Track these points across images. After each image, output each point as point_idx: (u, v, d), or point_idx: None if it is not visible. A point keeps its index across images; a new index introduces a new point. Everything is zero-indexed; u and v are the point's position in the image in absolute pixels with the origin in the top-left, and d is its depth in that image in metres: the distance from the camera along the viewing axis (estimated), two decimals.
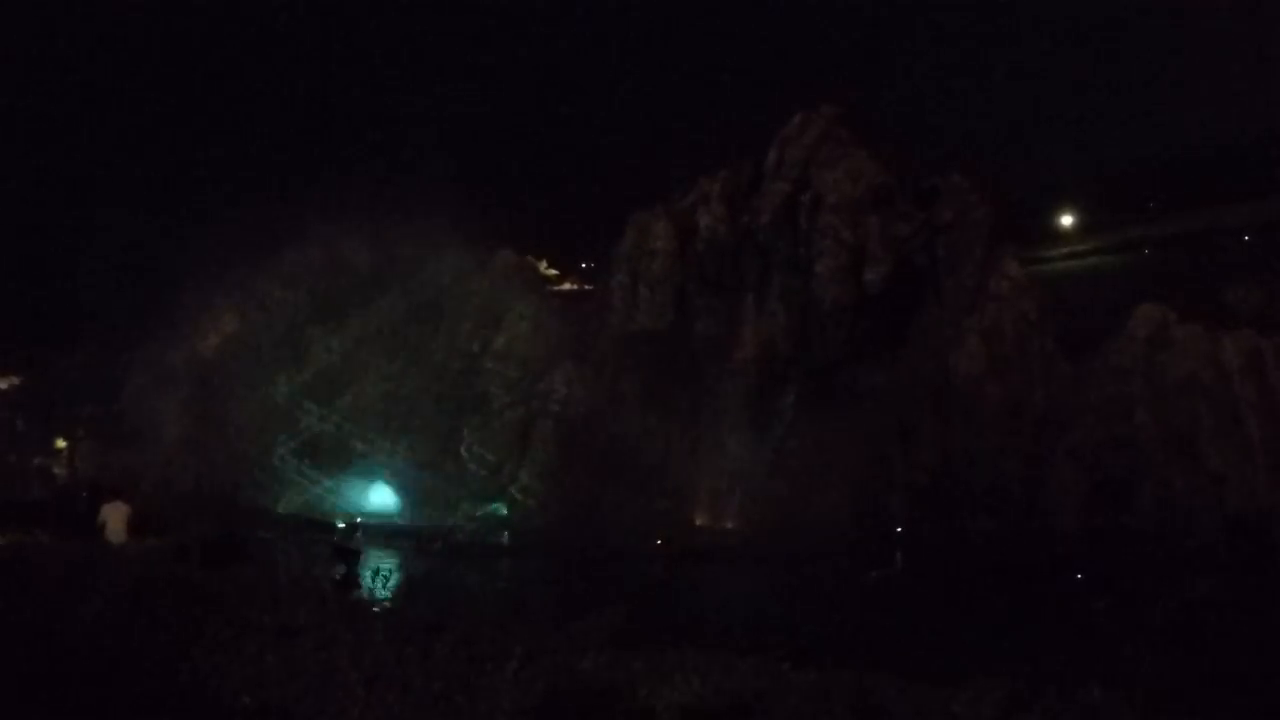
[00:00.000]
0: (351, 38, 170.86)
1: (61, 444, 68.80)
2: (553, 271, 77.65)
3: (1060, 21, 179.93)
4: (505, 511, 55.19)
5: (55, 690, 7.67)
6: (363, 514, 53.39)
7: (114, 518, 22.45)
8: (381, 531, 48.42)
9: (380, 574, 9.34)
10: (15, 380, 74.51)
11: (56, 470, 66.95)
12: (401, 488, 59.61)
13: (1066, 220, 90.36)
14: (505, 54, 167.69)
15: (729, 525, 52.53)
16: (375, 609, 8.54)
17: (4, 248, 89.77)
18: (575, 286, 75.69)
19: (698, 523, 53.19)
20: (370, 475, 60.65)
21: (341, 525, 48.00)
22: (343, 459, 61.63)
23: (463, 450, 57.20)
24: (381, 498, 58.94)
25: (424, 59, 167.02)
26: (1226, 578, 38.36)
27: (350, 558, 29.86)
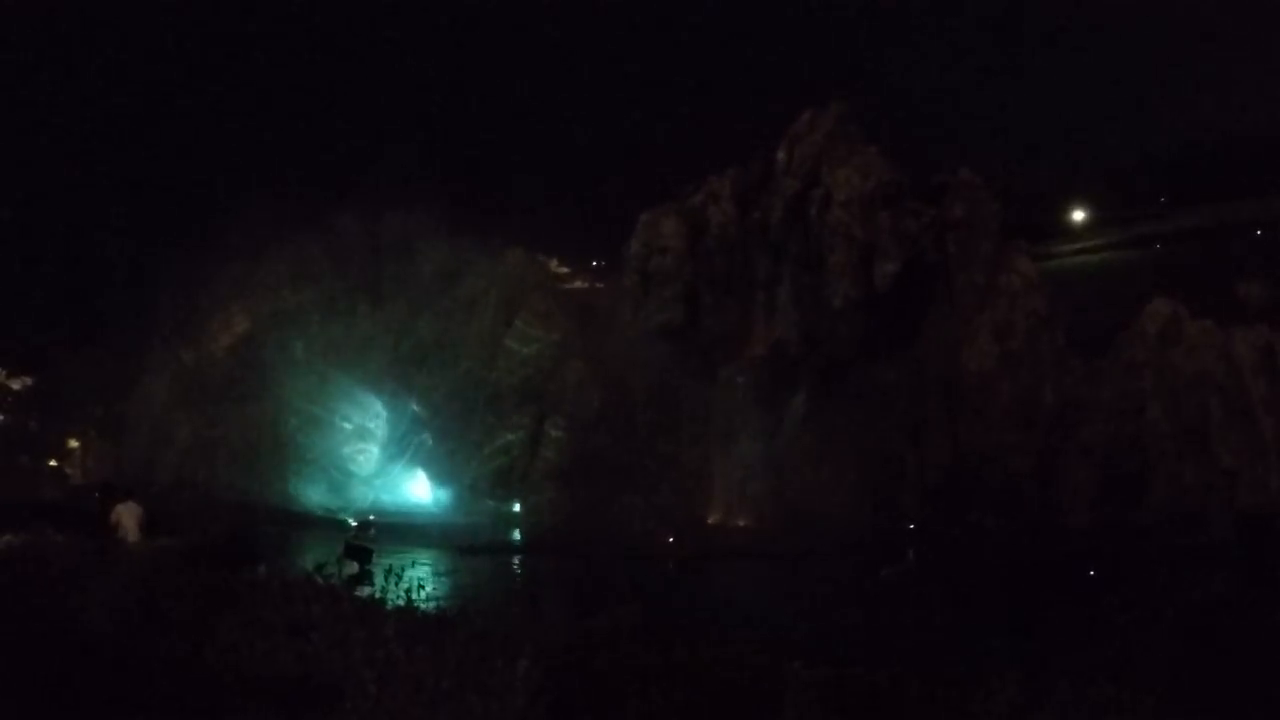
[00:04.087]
0: (362, 35, 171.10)
1: (74, 444, 69.02)
2: (563, 270, 77.54)
3: (1070, 16, 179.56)
4: (518, 509, 55.28)
5: (68, 687, 7.70)
6: (377, 511, 53.49)
7: (126, 517, 22.46)
8: (394, 529, 48.48)
9: (393, 572, 9.33)
10: (28, 381, 74.73)
11: (69, 470, 67.20)
12: (415, 486, 59.88)
13: (1077, 216, 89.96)
14: (516, 52, 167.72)
15: (741, 523, 52.51)
16: (387, 606, 8.55)
17: (15, 249, 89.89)
18: (586, 285, 75.59)
19: (710, 521, 53.20)
20: (383, 474, 60.93)
21: (354, 523, 48.11)
22: (353, 458, 61.90)
23: (475, 448, 57.28)
24: (398, 496, 59.21)
25: (434, 57, 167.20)
26: (1238, 573, 38.32)
27: (363, 555, 29.92)
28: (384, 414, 62.18)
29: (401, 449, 60.88)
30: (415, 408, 60.37)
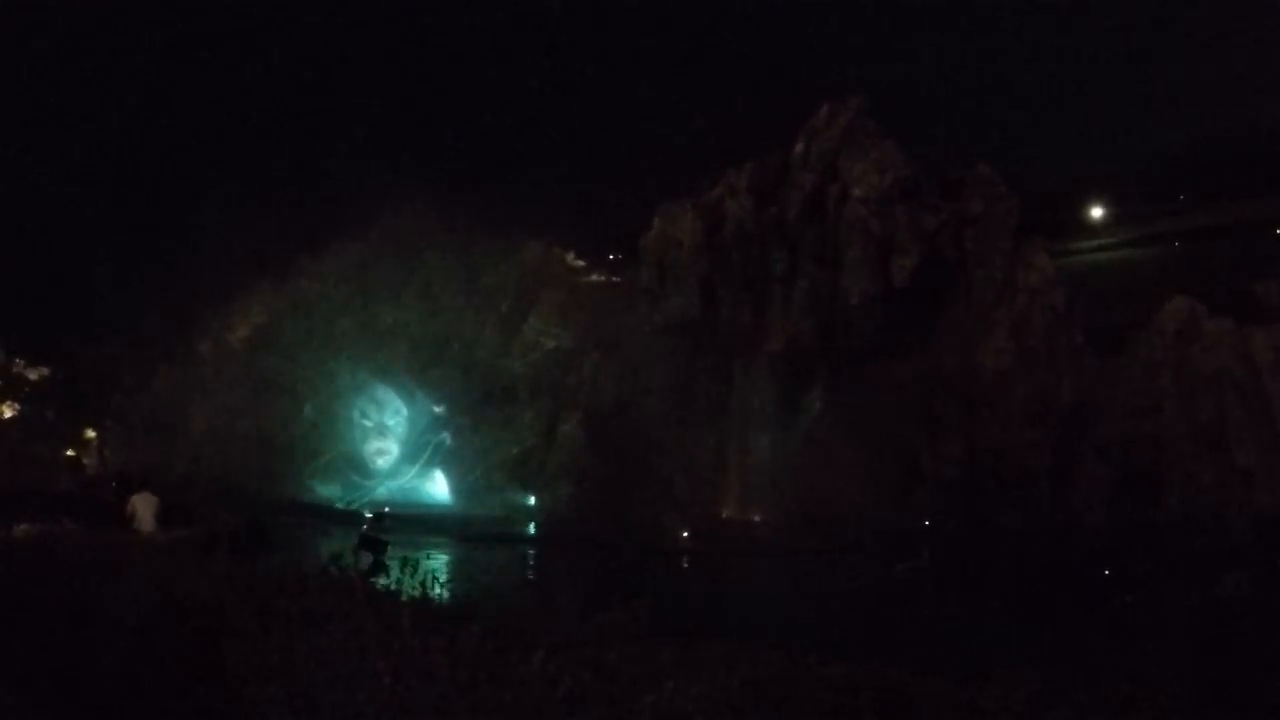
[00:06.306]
0: (377, 25, 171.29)
1: (91, 435, 69.30)
2: (580, 263, 77.49)
3: (1091, 11, 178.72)
4: (532, 502, 55.33)
5: (85, 676, 7.74)
6: (394, 505, 53.64)
7: (143, 508, 22.63)
8: (409, 521, 48.60)
9: (408, 563, 9.35)
10: (45, 371, 74.95)
11: (86, 461, 67.49)
12: (431, 479, 59.98)
13: (1096, 212, 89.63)
14: (532, 44, 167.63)
15: (756, 518, 52.48)
16: (402, 598, 8.57)
17: (33, 239, 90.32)
18: (602, 278, 75.55)
19: (724, 516, 53.18)
20: (401, 471, 61.05)
21: (369, 515, 48.33)
22: (370, 453, 62.02)
23: (490, 441, 57.33)
24: (416, 492, 59.35)
25: (451, 48, 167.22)
26: (1255, 574, 38.15)
27: (378, 547, 30.02)
28: (404, 410, 62.26)
29: (420, 446, 60.92)
30: (436, 409, 60.39)
